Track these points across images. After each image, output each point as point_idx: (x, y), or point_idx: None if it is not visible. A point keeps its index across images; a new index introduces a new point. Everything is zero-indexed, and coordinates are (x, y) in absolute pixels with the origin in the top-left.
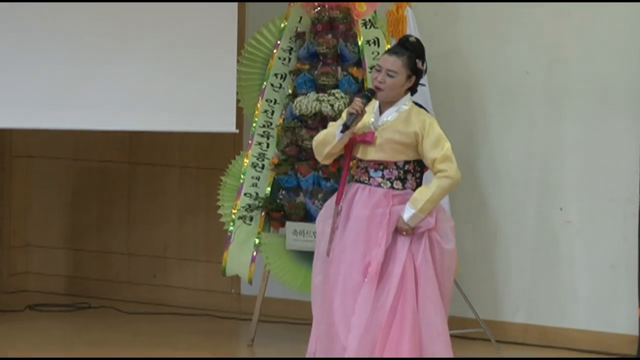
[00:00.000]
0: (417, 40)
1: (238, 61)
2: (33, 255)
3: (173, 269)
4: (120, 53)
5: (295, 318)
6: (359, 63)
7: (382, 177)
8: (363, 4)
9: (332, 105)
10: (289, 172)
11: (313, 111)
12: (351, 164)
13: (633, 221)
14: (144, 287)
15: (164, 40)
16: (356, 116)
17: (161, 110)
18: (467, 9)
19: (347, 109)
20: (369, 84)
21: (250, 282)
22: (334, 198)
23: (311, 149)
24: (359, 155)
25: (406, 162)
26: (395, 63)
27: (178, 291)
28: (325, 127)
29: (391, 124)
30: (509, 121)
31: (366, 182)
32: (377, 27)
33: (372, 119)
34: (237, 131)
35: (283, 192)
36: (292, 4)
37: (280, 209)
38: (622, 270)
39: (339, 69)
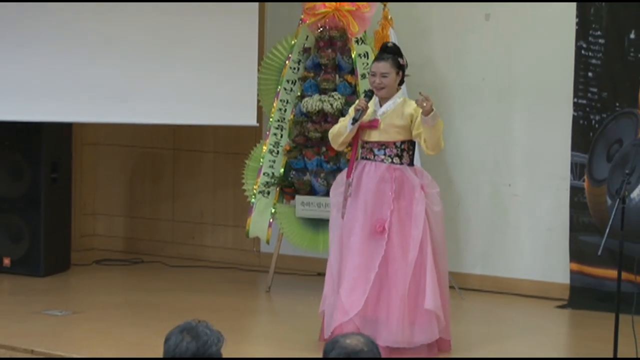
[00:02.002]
0: (394, 44)
1: (258, 70)
2: (99, 221)
3: (208, 232)
4: (168, 60)
5: (303, 270)
6: (353, 72)
7: (384, 154)
8: (356, 25)
9: (331, 105)
10: (298, 157)
11: (317, 109)
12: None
13: (565, 194)
14: (185, 246)
15: (202, 52)
16: (362, 111)
17: (199, 108)
18: (436, 30)
19: (354, 106)
20: (361, 88)
21: (267, 242)
22: (344, 173)
23: (315, 138)
24: (366, 138)
25: (402, 142)
26: (385, 66)
27: (211, 249)
28: (326, 122)
29: (391, 112)
30: (469, 116)
31: (371, 159)
32: (366, 44)
33: (375, 111)
34: (258, 124)
35: (293, 172)
36: (300, 25)
37: (291, 185)
38: (557, 232)
39: (337, 76)
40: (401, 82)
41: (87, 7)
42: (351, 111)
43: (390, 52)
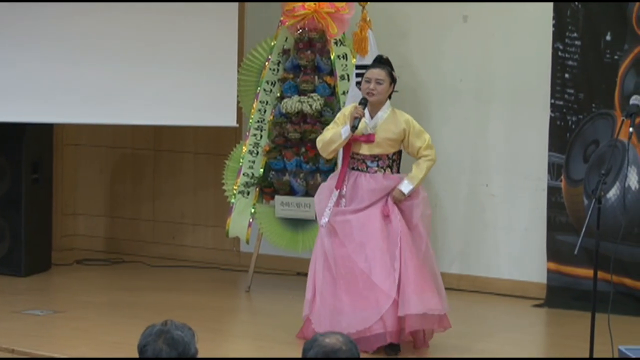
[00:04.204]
0: (387, 57)
1: (238, 71)
2: (80, 221)
3: (188, 231)
4: (148, 61)
5: (282, 270)
6: (332, 73)
7: (377, 166)
8: (335, 26)
9: (310, 106)
10: (278, 157)
11: (296, 110)
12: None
13: (542, 195)
14: (165, 246)
15: (182, 54)
16: (360, 119)
17: (179, 109)
18: (414, 31)
19: (347, 112)
20: (340, 89)
21: (247, 242)
22: (330, 182)
23: (295, 139)
24: (360, 151)
25: (394, 153)
26: (380, 73)
27: (192, 249)
28: (305, 122)
29: (383, 124)
30: (447, 117)
31: (364, 170)
32: (345, 45)
33: (366, 123)
34: (238, 125)
35: (273, 172)
36: (280, 27)
37: (271, 185)
38: (534, 232)
39: (316, 77)
40: (389, 96)
41: (68, 9)
42: (338, 119)
43: (385, 63)
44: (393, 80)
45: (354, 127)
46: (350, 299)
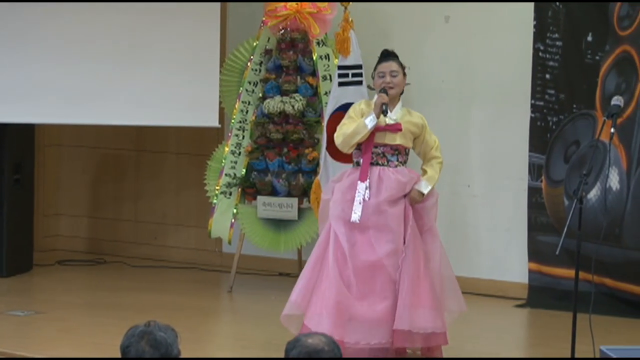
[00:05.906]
0: (393, 50)
1: (220, 72)
2: (61, 222)
3: (170, 232)
4: (130, 62)
5: (264, 270)
6: (314, 73)
7: (397, 160)
8: (317, 27)
9: (293, 106)
10: (260, 158)
11: (278, 110)
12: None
13: (523, 195)
14: (147, 247)
15: (164, 54)
16: (387, 105)
17: (161, 110)
18: (396, 32)
19: (377, 100)
20: (322, 90)
21: (229, 242)
22: (350, 178)
23: (277, 139)
24: (385, 141)
25: (409, 149)
26: (392, 65)
27: (174, 250)
28: (287, 123)
29: (402, 117)
30: (429, 118)
31: (385, 164)
32: (327, 46)
33: (387, 117)
34: (220, 126)
35: (255, 173)
36: (262, 27)
37: (253, 186)
38: (515, 233)
39: (298, 78)
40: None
41: (49, 9)
42: (353, 113)
43: (394, 55)
44: (404, 69)
45: (384, 112)
46: (391, 305)
